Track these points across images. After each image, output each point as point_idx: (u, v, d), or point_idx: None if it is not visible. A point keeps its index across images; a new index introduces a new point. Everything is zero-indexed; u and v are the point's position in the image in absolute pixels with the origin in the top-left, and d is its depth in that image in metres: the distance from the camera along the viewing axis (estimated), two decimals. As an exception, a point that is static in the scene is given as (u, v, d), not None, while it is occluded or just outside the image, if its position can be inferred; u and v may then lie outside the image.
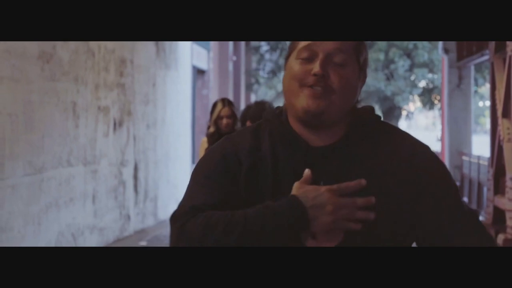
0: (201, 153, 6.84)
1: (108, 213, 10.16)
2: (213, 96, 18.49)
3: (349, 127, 2.11)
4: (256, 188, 2.08)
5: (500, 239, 9.04)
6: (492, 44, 10.29)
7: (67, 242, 8.59)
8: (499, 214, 9.88)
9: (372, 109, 2.15)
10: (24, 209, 7.43)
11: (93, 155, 9.51)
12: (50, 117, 8.07)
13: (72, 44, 8.67)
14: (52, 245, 8.15)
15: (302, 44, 2.07)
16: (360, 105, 2.17)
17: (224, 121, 6.77)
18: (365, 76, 2.15)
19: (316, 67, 2.03)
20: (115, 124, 10.40)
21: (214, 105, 6.92)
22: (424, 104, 26.34)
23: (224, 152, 2.12)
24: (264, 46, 26.11)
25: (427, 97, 25.69)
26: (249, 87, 25.33)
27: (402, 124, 55.96)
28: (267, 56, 26.49)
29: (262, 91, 29.91)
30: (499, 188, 10.03)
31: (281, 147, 2.11)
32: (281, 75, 27.55)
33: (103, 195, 9.92)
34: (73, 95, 8.72)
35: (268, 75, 26.78)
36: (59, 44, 8.24)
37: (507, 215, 9.08)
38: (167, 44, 13.50)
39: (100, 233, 9.79)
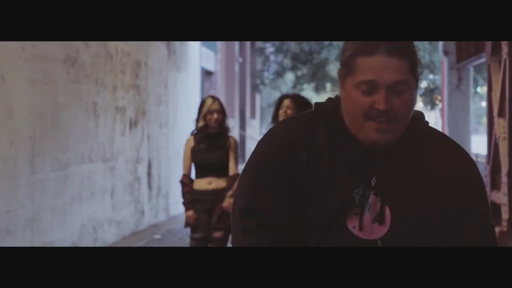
0: (186, 152, 6.86)
1: (125, 208, 10.72)
2: (220, 97, 18.97)
3: (406, 130, 2.16)
4: (311, 181, 2.13)
5: (495, 232, 9.57)
6: (488, 47, 10.74)
7: (88, 234, 9.15)
8: (495, 208, 10.36)
9: (422, 114, 2.23)
10: (52, 202, 7.99)
11: (111, 152, 10.07)
12: (74, 116, 8.63)
13: (93, 49, 9.23)
14: (76, 237, 8.71)
15: (362, 76, 2.07)
16: None
17: (215, 115, 6.73)
18: (421, 76, 2.19)
19: (380, 103, 2.05)
20: (130, 123, 10.96)
21: (203, 101, 6.92)
22: (426, 104, 26.74)
23: (279, 147, 2.16)
24: (269, 47, 26.57)
25: (429, 97, 26.08)
26: (254, 88, 25.80)
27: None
28: (272, 57, 26.92)
29: (266, 92, 30.37)
30: (495, 183, 10.47)
31: (337, 141, 2.15)
32: (286, 76, 28.03)
33: (120, 190, 10.48)
34: (94, 96, 9.28)
35: (274, 76, 27.21)
36: (82, 48, 8.81)
37: (502, 209, 9.56)
38: (178, 47, 14.06)
39: (117, 226, 10.35)
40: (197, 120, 6.83)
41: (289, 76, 28.19)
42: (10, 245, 6.94)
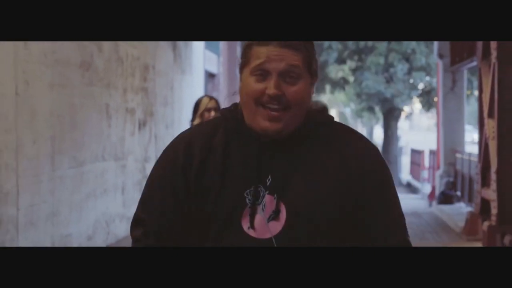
0: None
1: (134, 204, 11.18)
2: (222, 98, 19.54)
3: (301, 125, 2.16)
4: (205, 181, 2.14)
5: (485, 226, 10.11)
6: (479, 51, 11.28)
7: (101, 228, 9.73)
8: (485, 204, 10.90)
9: (325, 109, 2.44)
10: (69, 198, 8.56)
11: (122, 151, 10.65)
12: (89, 118, 9.20)
13: (106, 53, 9.81)
14: (90, 230, 9.29)
15: (255, 62, 2.11)
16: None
17: (212, 113, 6.69)
18: (317, 77, 2.20)
19: (271, 88, 2.08)
20: (139, 124, 11.54)
21: (199, 100, 6.94)
22: (423, 105, 27.26)
23: (173, 156, 2.20)
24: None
25: (425, 98, 26.60)
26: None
27: (404, 125, 56.55)
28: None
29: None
30: (486, 181, 11.01)
31: (234, 142, 2.16)
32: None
33: (130, 187, 11.06)
34: (106, 98, 9.86)
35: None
36: (95, 53, 9.38)
37: (492, 204, 10.10)
38: (183, 50, 14.63)
39: (127, 221, 10.92)
40: (193, 119, 6.85)
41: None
42: (34, 237, 7.51)
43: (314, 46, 2.18)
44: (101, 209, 9.73)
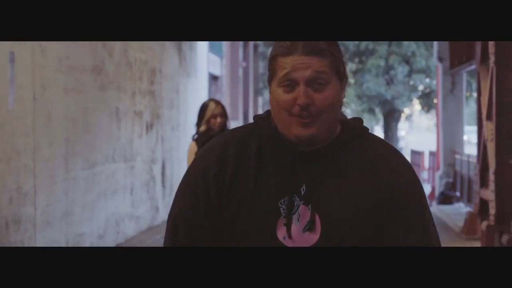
0: (189, 158, 6.65)
1: (142, 204, 11.61)
2: (225, 100, 19.83)
3: (335, 135, 2.16)
4: (238, 190, 2.11)
5: (484, 225, 10.38)
6: (478, 55, 11.53)
7: (112, 227, 10.04)
8: (484, 205, 11.17)
9: (360, 121, 2.23)
10: (82, 198, 8.88)
11: (131, 153, 10.97)
12: (100, 121, 9.52)
13: (116, 58, 10.13)
14: (101, 230, 9.60)
15: (281, 73, 2.09)
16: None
17: (218, 119, 6.61)
18: (346, 80, 2.19)
19: (299, 98, 2.06)
20: (147, 126, 11.86)
21: (205, 105, 6.79)
22: (423, 107, 27.60)
23: (205, 165, 2.16)
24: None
25: (425, 100, 26.94)
26: (257, 91, 26.63)
27: (404, 126, 56.80)
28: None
29: (267, 94, 31.15)
30: (484, 182, 11.25)
31: (267, 150, 2.14)
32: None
33: (138, 188, 11.38)
34: (116, 101, 10.18)
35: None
36: (106, 58, 9.70)
37: (490, 204, 10.34)
38: (188, 54, 14.95)
39: (136, 221, 11.24)
40: (198, 124, 6.75)
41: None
42: (50, 236, 7.82)
43: (339, 48, 2.15)
44: (111, 209, 10.04)
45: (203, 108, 6.75)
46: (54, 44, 7.94)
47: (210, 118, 6.63)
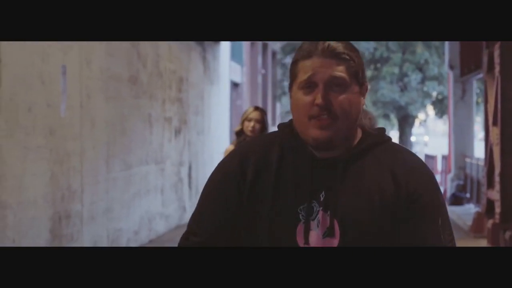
0: None
1: (171, 204, 12.48)
2: (246, 106, 20.54)
3: (356, 143, 2.16)
4: (258, 196, 2.14)
5: (489, 223, 11.02)
6: (485, 64, 12.16)
7: (145, 225, 10.90)
8: (490, 204, 11.80)
9: (383, 130, 2.22)
10: (120, 197, 9.74)
11: (161, 156, 11.83)
12: (135, 126, 10.39)
13: (149, 68, 11.00)
14: (136, 226, 10.46)
15: (302, 77, 2.10)
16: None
17: (252, 123, 6.74)
18: (366, 88, 2.19)
19: (318, 98, 2.07)
20: (175, 131, 12.73)
21: (246, 109, 7.03)
22: (436, 112, 28.27)
23: (227, 169, 2.18)
24: (289, 59, 28.11)
25: (438, 106, 27.59)
26: (275, 97, 27.28)
27: (419, 131, 57.22)
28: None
29: (285, 100, 31.82)
30: (491, 183, 11.86)
31: (289, 157, 2.16)
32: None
33: (167, 189, 12.24)
34: (149, 108, 11.05)
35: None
36: (141, 69, 10.57)
37: (496, 204, 10.98)
38: (212, 63, 15.81)
39: (166, 219, 12.10)
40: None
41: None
42: (94, 230, 8.68)
43: (359, 54, 2.18)
44: (145, 207, 10.90)
45: (244, 111, 7.03)
46: (98, 57, 8.80)
47: (245, 120, 6.80)
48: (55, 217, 7.57)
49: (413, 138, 46.79)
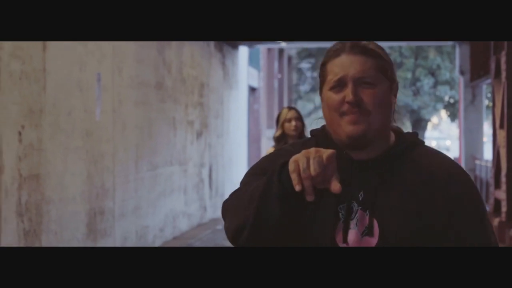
0: None
1: (193, 203, 13.12)
2: (262, 110, 21.17)
3: (391, 145, 2.17)
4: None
5: (496, 221, 11.50)
6: (492, 70, 12.62)
7: (169, 222, 11.54)
8: (497, 204, 12.30)
9: (416, 134, 2.22)
10: (147, 195, 10.38)
11: (184, 158, 12.47)
12: (161, 129, 11.03)
13: (174, 74, 11.65)
14: (162, 224, 11.09)
15: (331, 77, 2.10)
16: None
17: (293, 123, 6.63)
18: (397, 87, 2.19)
19: (348, 95, 2.07)
20: (197, 134, 13.36)
21: (279, 112, 6.85)
22: (449, 115, 28.71)
23: (264, 170, 2.17)
24: (304, 63, 28.60)
25: (450, 110, 28.03)
26: (291, 101, 27.74)
27: (433, 134, 57.36)
28: (308, 74, 28.85)
29: (301, 104, 32.28)
30: (498, 183, 12.39)
31: None
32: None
33: (190, 189, 12.88)
34: (173, 112, 11.69)
35: (311, 90, 29.15)
36: (166, 75, 11.22)
37: (502, 203, 11.51)
38: (231, 68, 16.44)
39: (188, 218, 12.74)
40: (276, 131, 6.79)
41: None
42: (124, 226, 9.32)
43: (386, 52, 2.18)
44: (169, 206, 11.54)
45: (278, 115, 6.86)
46: (128, 65, 9.44)
47: (284, 122, 6.70)
48: (91, 213, 8.19)
49: (433, 143, 47.22)
